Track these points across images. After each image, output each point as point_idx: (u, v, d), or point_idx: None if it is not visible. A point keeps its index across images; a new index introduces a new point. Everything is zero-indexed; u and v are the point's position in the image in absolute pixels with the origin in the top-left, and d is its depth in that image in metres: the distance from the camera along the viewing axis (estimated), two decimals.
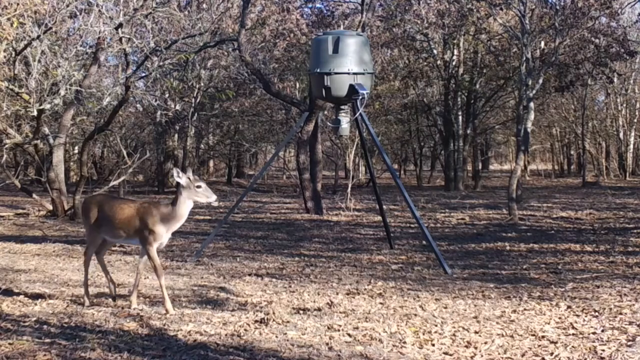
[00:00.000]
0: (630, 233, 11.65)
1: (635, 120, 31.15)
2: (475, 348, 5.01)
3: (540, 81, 16.48)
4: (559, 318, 5.85)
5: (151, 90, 22.64)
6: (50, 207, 15.65)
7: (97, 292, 7.18)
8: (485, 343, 5.13)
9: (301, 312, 6.13)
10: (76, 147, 25.86)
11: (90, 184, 20.18)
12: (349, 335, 5.36)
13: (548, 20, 17.76)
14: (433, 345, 5.11)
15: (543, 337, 5.27)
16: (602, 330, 5.41)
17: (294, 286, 7.54)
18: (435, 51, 24.15)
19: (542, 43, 19.11)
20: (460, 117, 25.12)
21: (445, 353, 4.92)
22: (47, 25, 13.23)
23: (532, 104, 15.64)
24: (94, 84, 18.64)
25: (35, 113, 14.01)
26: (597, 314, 5.97)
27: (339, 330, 5.48)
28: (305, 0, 21.99)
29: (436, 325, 5.64)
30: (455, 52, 24.28)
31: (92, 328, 5.57)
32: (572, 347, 5.00)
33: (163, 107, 23.12)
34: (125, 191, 22.15)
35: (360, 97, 8.97)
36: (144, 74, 19.32)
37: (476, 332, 5.42)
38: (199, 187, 6.06)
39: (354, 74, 9.06)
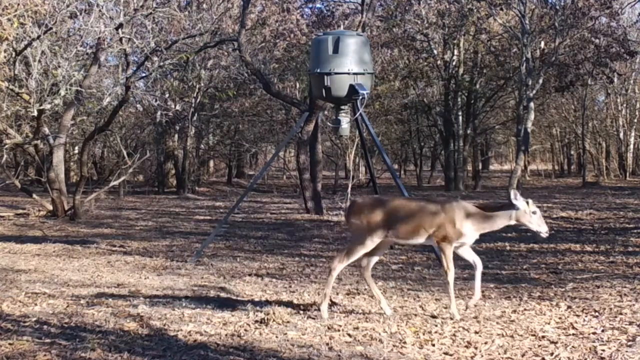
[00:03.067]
0: (630, 233, 11.65)
1: (635, 120, 31.13)
2: (475, 348, 5.01)
3: (540, 81, 16.51)
4: (559, 318, 5.85)
5: (151, 90, 22.63)
6: (50, 207, 15.65)
7: (96, 292, 7.18)
8: (485, 343, 5.13)
9: (301, 312, 6.12)
10: (76, 147, 25.86)
11: (90, 184, 20.18)
12: (349, 335, 5.36)
13: (548, 20, 17.78)
14: (433, 345, 5.11)
15: (543, 337, 5.27)
16: (602, 330, 5.41)
17: (294, 286, 7.54)
18: (435, 51, 24.14)
19: (542, 43, 19.11)
20: (460, 117, 25.11)
21: (446, 353, 4.92)
22: (47, 26, 13.23)
23: (532, 104, 15.66)
24: (94, 84, 18.65)
25: (35, 113, 14.01)
26: (597, 314, 5.96)
27: (339, 330, 5.47)
28: (306, 1, 22.00)
29: (436, 325, 5.64)
30: (455, 52, 24.27)
31: (92, 328, 5.57)
32: (572, 347, 5.00)
33: (163, 107, 23.12)
34: (126, 191, 22.15)
35: (361, 97, 8.97)
36: (144, 74, 19.31)
37: (476, 332, 5.42)
38: (534, 213, 5.78)
39: (354, 74, 9.05)
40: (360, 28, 16.08)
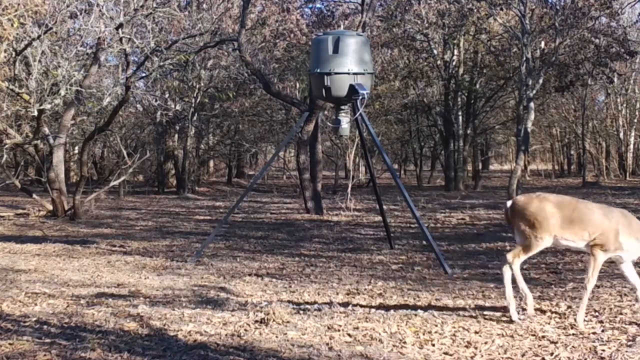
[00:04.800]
0: None
1: (635, 120, 31.13)
2: (475, 348, 5.01)
3: (540, 81, 16.49)
4: (559, 318, 5.85)
5: (151, 90, 22.64)
6: (50, 207, 15.66)
7: (96, 292, 7.18)
8: (485, 343, 5.13)
9: (301, 312, 6.12)
10: (76, 147, 25.87)
11: (90, 184, 20.19)
12: (349, 335, 5.36)
13: (548, 20, 17.78)
14: (433, 345, 5.11)
15: (543, 337, 5.27)
16: (602, 330, 5.41)
17: (294, 286, 7.54)
18: (435, 51, 24.14)
19: (542, 43, 19.11)
20: (460, 117, 25.11)
21: (445, 353, 4.92)
22: (48, 26, 13.24)
23: (532, 104, 15.65)
24: (94, 84, 18.65)
25: (35, 113, 14.02)
26: (597, 314, 5.96)
27: (339, 330, 5.47)
28: (306, 1, 22.01)
29: (436, 325, 5.64)
30: (455, 52, 24.28)
31: (92, 328, 5.57)
32: (572, 347, 5.00)
33: (163, 107, 23.12)
34: (126, 191, 22.16)
35: (361, 97, 8.97)
36: (144, 74, 19.32)
37: (476, 332, 5.42)
38: None
39: (354, 74, 9.05)
40: (360, 28, 16.08)
